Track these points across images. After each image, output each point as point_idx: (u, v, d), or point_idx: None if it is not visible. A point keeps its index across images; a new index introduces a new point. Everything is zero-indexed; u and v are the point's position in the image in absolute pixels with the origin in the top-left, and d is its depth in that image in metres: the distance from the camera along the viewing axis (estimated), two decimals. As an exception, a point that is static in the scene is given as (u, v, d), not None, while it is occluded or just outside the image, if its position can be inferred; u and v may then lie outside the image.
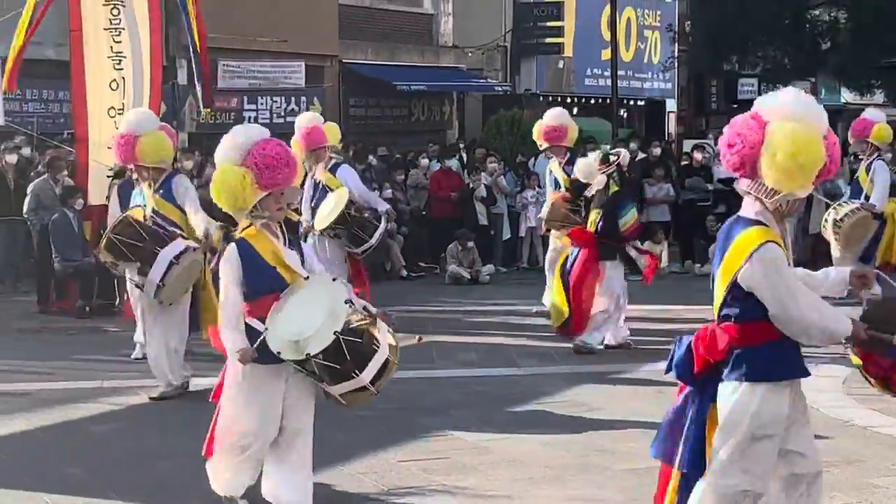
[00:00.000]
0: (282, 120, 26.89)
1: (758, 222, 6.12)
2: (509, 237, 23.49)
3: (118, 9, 17.24)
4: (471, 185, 22.89)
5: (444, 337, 15.44)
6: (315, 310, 7.35)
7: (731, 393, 6.14)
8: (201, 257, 11.58)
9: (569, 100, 38.90)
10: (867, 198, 15.50)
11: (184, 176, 12.49)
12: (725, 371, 6.15)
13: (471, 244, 21.50)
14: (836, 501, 8.25)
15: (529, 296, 17.49)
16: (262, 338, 7.39)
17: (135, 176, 12.18)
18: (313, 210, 14.88)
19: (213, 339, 8.01)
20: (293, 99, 28.27)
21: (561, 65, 38.36)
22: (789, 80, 39.67)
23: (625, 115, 40.00)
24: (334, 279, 7.82)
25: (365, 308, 7.60)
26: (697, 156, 24.42)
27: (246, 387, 7.64)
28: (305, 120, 15.23)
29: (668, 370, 6.46)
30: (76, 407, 11.57)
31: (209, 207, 9.77)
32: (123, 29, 17.26)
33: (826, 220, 16.23)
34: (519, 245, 23.65)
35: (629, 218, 14.42)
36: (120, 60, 17.25)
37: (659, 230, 22.65)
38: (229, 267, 7.56)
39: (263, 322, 7.45)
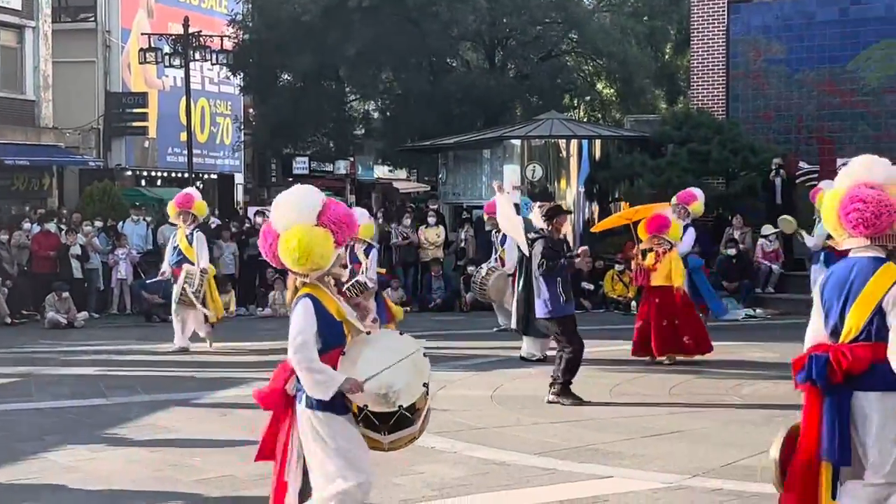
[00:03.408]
0: None
1: (883, 259, 6.11)
2: (102, 288, 22.92)
3: None
4: (67, 244, 22.19)
5: (43, 372, 14.76)
6: (392, 362, 6.23)
7: (877, 400, 6.01)
8: None
9: (153, 173, 38.31)
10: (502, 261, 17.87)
11: None
12: (865, 382, 6.01)
13: (66, 294, 20.78)
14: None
15: (118, 336, 16.99)
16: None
17: None
18: None
19: (259, 399, 6.49)
20: None
21: (146, 144, 37.74)
22: (334, 159, 40.69)
23: (201, 186, 39.62)
24: (401, 333, 6.68)
25: None
26: (259, 220, 24.48)
27: (333, 444, 6.22)
28: None
29: (805, 381, 6.14)
30: None
31: None
32: None
33: (474, 280, 17.87)
34: (110, 295, 23.04)
35: None
36: None
37: (228, 282, 22.59)
38: (309, 320, 6.20)
39: None
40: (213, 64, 33.37)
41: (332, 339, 6.30)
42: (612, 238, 22.50)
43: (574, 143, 26.49)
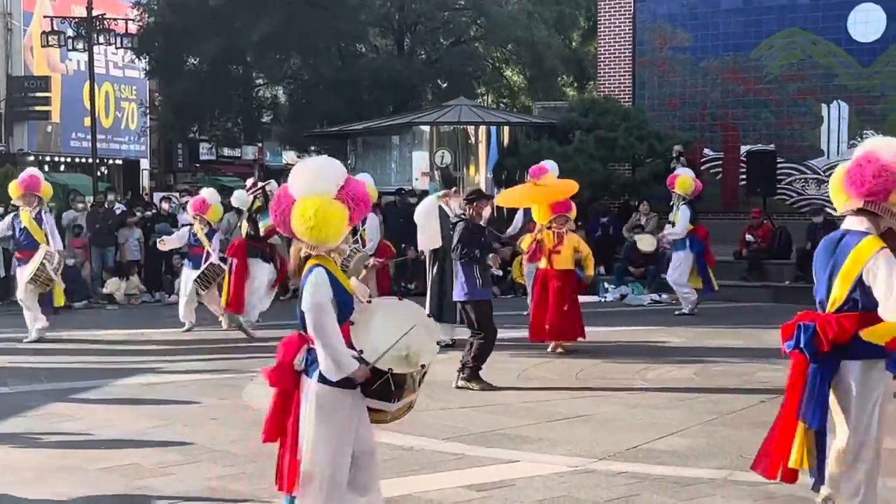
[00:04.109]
0: None
1: (868, 233, 6.20)
2: (4, 275, 22.44)
3: None
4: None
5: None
6: (404, 327, 6.14)
7: (864, 369, 6.21)
8: None
9: (56, 159, 37.68)
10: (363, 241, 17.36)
11: None
12: (850, 351, 6.18)
13: (-33, 282, 20.32)
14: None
15: (21, 324, 16.62)
16: (382, 355, 6.02)
17: None
18: None
19: (268, 376, 6.24)
20: None
21: (49, 129, 37.14)
22: (241, 144, 40.32)
23: (105, 171, 39.07)
24: (400, 299, 6.55)
25: None
26: (165, 206, 24.20)
27: (330, 416, 6.08)
28: None
29: (794, 348, 6.30)
30: None
31: None
32: None
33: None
34: (12, 282, 22.55)
35: (267, 222, 15.47)
36: None
37: (133, 268, 22.30)
38: (325, 289, 6.01)
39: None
40: (117, 48, 32.90)
41: (346, 311, 6.14)
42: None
43: (483, 129, 26.58)
